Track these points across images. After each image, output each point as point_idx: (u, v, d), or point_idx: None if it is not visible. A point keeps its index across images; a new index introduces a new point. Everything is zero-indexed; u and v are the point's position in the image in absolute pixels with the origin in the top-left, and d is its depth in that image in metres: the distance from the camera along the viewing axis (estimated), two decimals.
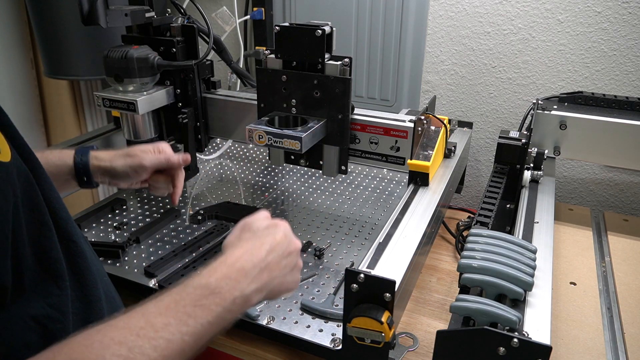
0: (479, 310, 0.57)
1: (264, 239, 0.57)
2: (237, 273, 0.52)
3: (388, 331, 0.58)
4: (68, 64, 1.36)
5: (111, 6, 0.87)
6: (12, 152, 0.45)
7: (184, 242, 0.92)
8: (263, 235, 0.58)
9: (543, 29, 1.16)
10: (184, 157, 0.82)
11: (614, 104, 1.02)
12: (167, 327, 0.44)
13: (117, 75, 0.92)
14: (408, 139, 0.89)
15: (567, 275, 0.84)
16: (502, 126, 1.29)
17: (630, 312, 0.75)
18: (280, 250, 0.57)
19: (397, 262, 0.66)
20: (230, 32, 1.47)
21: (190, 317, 0.46)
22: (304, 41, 0.83)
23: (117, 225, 0.98)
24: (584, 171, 1.25)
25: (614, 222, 1.02)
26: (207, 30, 0.98)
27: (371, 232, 0.98)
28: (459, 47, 1.26)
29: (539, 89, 1.22)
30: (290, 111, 0.90)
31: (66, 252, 0.53)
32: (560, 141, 1.01)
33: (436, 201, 0.83)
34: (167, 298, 0.48)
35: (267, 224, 0.61)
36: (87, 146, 0.79)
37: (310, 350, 0.71)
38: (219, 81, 1.08)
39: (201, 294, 0.49)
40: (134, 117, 0.99)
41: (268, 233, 0.59)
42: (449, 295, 0.84)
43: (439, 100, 1.32)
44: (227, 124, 1.07)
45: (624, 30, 1.10)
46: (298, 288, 0.80)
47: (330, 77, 0.85)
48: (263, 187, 1.17)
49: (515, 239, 0.68)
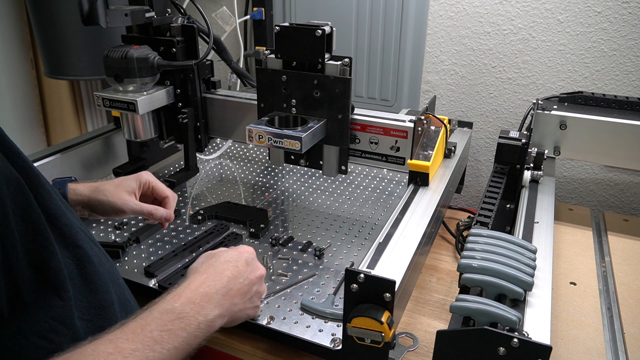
0: (479, 310, 0.57)
1: (226, 266, 0.60)
2: (201, 298, 0.54)
3: (388, 331, 0.58)
4: (68, 64, 1.37)
5: (111, 6, 0.87)
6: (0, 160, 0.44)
7: (184, 242, 0.92)
8: (225, 261, 0.61)
9: (543, 29, 1.16)
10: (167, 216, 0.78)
11: (614, 104, 1.02)
12: (134, 353, 0.45)
13: (117, 75, 0.92)
14: (408, 139, 0.89)
15: (567, 275, 0.84)
16: (502, 126, 1.29)
17: (630, 312, 0.75)
18: (242, 277, 0.60)
19: (397, 262, 0.66)
20: (230, 32, 1.47)
21: (157, 342, 0.48)
22: (304, 41, 0.83)
23: (117, 225, 0.98)
24: (584, 171, 1.25)
25: (614, 222, 1.02)
26: (207, 30, 0.98)
27: (371, 232, 0.98)
28: (459, 47, 1.26)
29: (539, 89, 1.22)
30: (290, 111, 0.90)
31: (74, 259, 0.52)
32: (560, 141, 1.01)
33: (436, 201, 0.83)
34: (133, 323, 0.49)
35: (231, 253, 0.63)
36: (65, 177, 0.77)
37: (310, 350, 0.71)
38: (219, 81, 1.08)
39: (167, 319, 0.50)
40: (134, 117, 0.99)
41: (230, 259, 0.62)
42: (449, 295, 0.84)
43: (439, 100, 1.32)
44: (227, 124, 1.07)
45: (624, 30, 1.10)
46: (299, 288, 0.80)
47: (330, 77, 0.85)
48: (263, 187, 1.17)
49: (515, 239, 0.68)
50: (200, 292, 0.55)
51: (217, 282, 0.58)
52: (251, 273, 0.63)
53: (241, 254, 0.64)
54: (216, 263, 0.61)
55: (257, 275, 0.64)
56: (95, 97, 0.95)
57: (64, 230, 0.51)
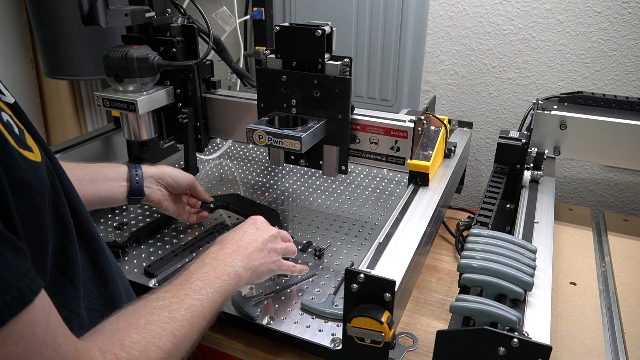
0: (479, 310, 0.57)
1: (236, 234, 0.72)
2: (223, 256, 0.66)
3: (388, 331, 0.58)
4: (68, 64, 1.37)
5: (111, 6, 0.87)
6: (40, 151, 0.45)
7: (184, 242, 0.92)
8: (235, 231, 0.73)
9: (543, 29, 1.16)
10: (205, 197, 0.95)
11: (614, 104, 1.02)
12: (186, 297, 0.57)
13: (117, 75, 0.92)
14: (408, 139, 0.89)
15: (567, 275, 0.84)
16: (502, 126, 1.29)
17: (630, 312, 0.75)
18: (253, 238, 0.71)
19: (397, 262, 0.66)
20: (230, 32, 1.47)
21: (201, 287, 0.59)
22: (304, 41, 0.83)
23: (117, 225, 0.98)
24: (584, 171, 1.25)
25: (614, 222, 1.02)
26: (207, 30, 0.98)
27: (371, 232, 0.98)
28: (459, 47, 1.26)
29: (539, 89, 1.22)
30: (290, 111, 0.90)
31: (89, 250, 0.56)
32: (560, 141, 1.01)
33: (436, 201, 0.83)
34: (178, 279, 0.60)
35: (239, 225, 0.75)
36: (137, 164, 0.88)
37: (310, 350, 0.71)
38: (219, 81, 1.07)
39: (204, 271, 0.62)
40: (134, 117, 0.99)
41: (239, 229, 0.74)
42: (449, 295, 0.84)
43: (439, 100, 1.32)
44: (227, 124, 1.07)
45: (624, 30, 1.10)
46: (299, 288, 0.81)
47: (330, 77, 0.85)
48: (263, 187, 1.17)
49: (515, 239, 0.68)
50: (221, 254, 0.67)
51: (232, 245, 0.69)
52: (261, 233, 0.73)
53: (248, 224, 0.75)
54: (229, 235, 0.72)
55: (269, 235, 0.74)
56: (95, 97, 0.95)
57: (83, 223, 0.54)
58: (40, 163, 0.44)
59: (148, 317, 0.51)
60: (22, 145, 0.41)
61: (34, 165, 0.42)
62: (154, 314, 0.52)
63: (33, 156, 0.42)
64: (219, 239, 0.72)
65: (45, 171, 0.45)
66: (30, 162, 0.41)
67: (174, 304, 0.55)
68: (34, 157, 0.42)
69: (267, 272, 0.71)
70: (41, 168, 0.43)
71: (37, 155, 0.44)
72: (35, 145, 0.45)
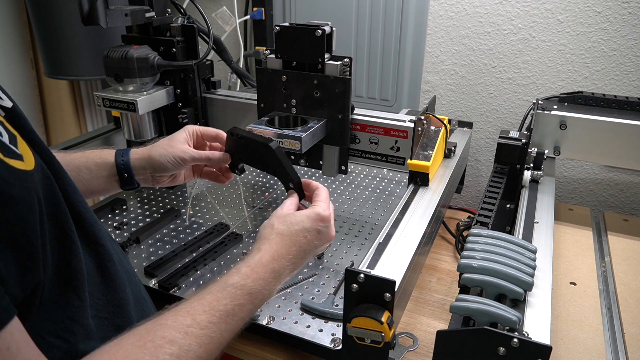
0: (479, 310, 0.57)
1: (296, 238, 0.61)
2: (271, 275, 0.58)
3: (388, 331, 0.58)
4: (68, 64, 1.37)
5: (111, 6, 0.87)
6: (35, 158, 0.43)
7: (184, 242, 0.92)
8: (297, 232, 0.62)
9: (543, 29, 1.16)
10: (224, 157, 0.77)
11: (614, 104, 1.02)
12: (210, 326, 0.50)
13: (117, 75, 0.92)
14: (408, 139, 0.89)
15: (567, 275, 0.84)
16: (502, 126, 1.29)
17: (630, 312, 0.75)
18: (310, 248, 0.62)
19: (397, 262, 0.66)
20: (230, 32, 1.47)
21: (230, 315, 0.52)
22: (304, 41, 0.83)
23: (117, 225, 0.98)
24: (584, 171, 1.25)
25: (614, 222, 1.02)
26: (207, 30, 0.98)
27: (371, 232, 0.98)
28: (459, 47, 1.26)
29: (539, 89, 1.22)
30: (290, 111, 0.90)
31: (95, 257, 0.52)
32: (560, 141, 1.01)
33: (436, 201, 0.83)
34: (209, 297, 0.53)
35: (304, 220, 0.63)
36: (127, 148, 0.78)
37: (310, 350, 0.71)
38: (219, 81, 1.08)
39: (239, 294, 0.54)
40: (134, 117, 0.99)
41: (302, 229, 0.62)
42: (449, 295, 0.84)
43: (439, 100, 1.32)
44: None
45: (624, 30, 1.10)
46: (299, 288, 0.81)
47: (330, 77, 0.85)
48: (263, 187, 1.17)
49: (515, 239, 0.68)
50: (270, 269, 0.58)
51: (286, 257, 0.60)
52: (320, 241, 0.64)
53: (315, 222, 0.63)
54: (287, 232, 0.62)
55: (325, 241, 0.65)
56: (95, 97, 0.95)
57: (87, 228, 0.51)
58: (31, 172, 0.41)
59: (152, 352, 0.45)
60: (9, 154, 0.39)
61: (21, 175, 0.39)
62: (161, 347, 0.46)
63: (22, 165, 0.40)
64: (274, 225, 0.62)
65: (37, 179, 0.42)
66: (17, 172, 0.39)
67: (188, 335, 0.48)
68: (22, 166, 0.40)
69: None
70: (31, 177, 0.41)
71: (29, 163, 0.41)
72: (30, 151, 0.43)
